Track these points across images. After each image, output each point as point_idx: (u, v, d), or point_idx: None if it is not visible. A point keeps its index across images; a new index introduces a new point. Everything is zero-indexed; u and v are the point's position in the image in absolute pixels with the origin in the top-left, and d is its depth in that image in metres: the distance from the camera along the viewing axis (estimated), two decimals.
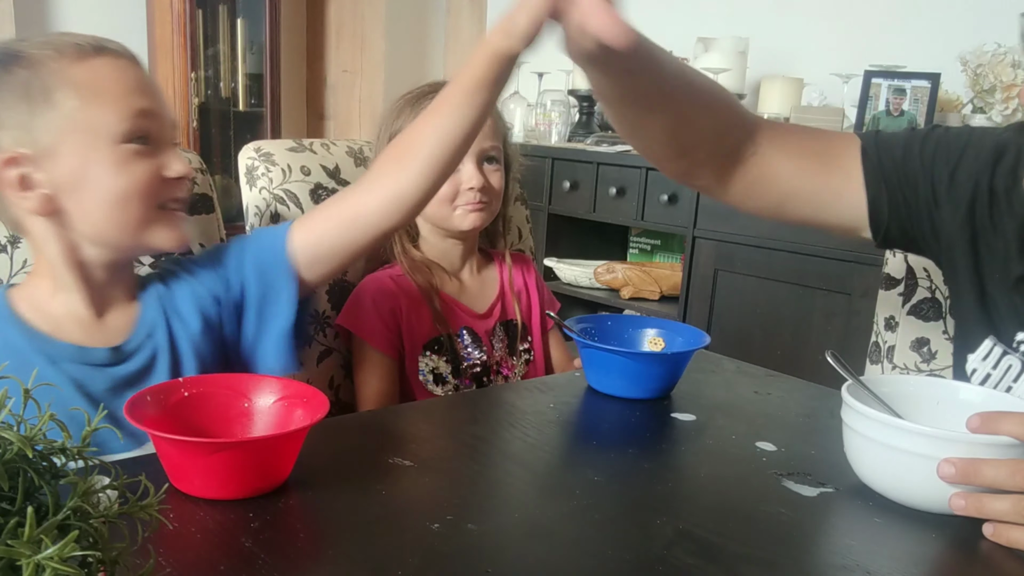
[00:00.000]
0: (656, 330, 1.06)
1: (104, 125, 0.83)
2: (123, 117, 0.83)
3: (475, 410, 0.94)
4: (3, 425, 0.37)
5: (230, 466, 0.66)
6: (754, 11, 2.64)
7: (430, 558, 0.60)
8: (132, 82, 0.85)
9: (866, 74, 2.10)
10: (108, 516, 0.38)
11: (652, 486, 0.75)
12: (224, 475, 0.66)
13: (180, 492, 0.66)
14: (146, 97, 0.86)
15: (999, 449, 0.67)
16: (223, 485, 0.66)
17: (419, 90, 1.27)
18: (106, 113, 0.83)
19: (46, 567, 0.32)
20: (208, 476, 0.66)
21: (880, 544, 0.66)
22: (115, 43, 0.87)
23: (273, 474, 0.69)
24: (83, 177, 0.84)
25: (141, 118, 0.85)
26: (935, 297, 1.22)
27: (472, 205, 1.24)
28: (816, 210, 0.98)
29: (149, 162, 0.86)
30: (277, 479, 0.69)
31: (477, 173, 1.24)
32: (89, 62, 0.84)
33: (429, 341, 1.24)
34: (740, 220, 2.21)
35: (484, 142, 1.25)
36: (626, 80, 0.88)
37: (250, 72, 3.33)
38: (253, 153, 1.24)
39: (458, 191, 1.24)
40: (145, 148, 0.85)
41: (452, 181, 1.22)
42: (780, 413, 0.95)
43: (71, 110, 0.82)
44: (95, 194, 0.84)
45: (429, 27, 3.60)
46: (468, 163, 1.23)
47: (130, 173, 0.84)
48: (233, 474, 0.66)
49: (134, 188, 0.85)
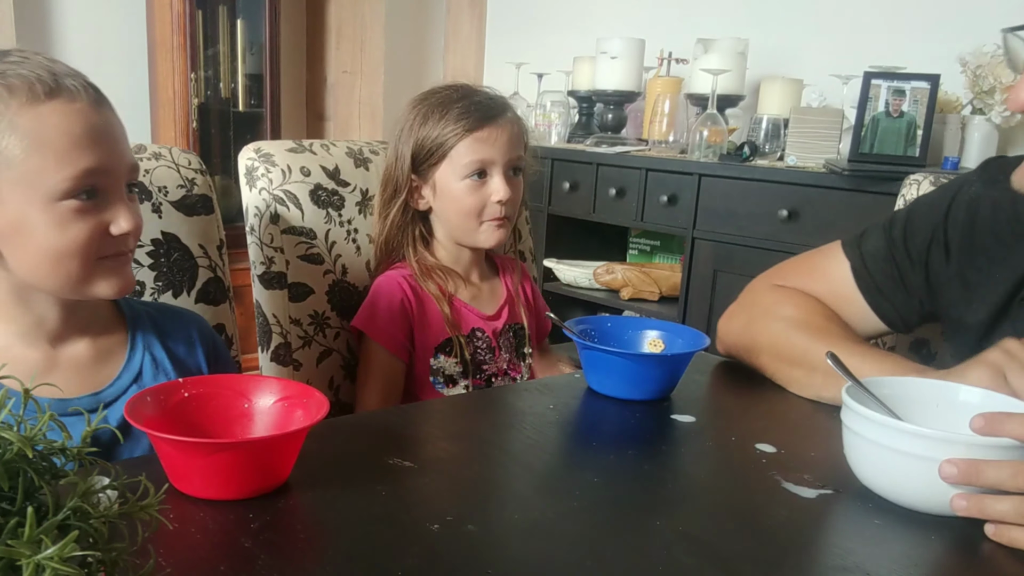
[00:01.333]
0: (656, 332, 1.06)
1: (44, 181, 0.78)
2: (65, 176, 0.78)
3: (475, 411, 0.94)
4: (3, 425, 0.37)
5: (230, 466, 0.66)
6: (754, 12, 2.64)
7: (430, 558, 0.60)
8: (81, 133, 0.79)
9: (866, 75, 2.09)
10: (108, 516, 0.38)
11: (652, 487, 0.75)
12: (224, 475, 0.66)
13: (180, 492, 0.66)
14: (96, 150, 0.80)
15: (999, 451, 0.67)
16: (223, 485, 0.66)
17: (444, 93, 1.26)
18: (47, 169, 0.78)
19: (46, 567, 0.32)
20: (208, 476, 0.66)
21: (880, 545, 0.66)
22: (77, 80, 0.81)
23: (273, 474, 0.68)
24: (20, 229, 0.80)
25: (85, 176, 0.79)
26: None
27: (498, 221, 1.24)
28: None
29: (92, 219, 0.81)
30: (277, 479, 0.69)
31: (504, 186, 1.23)
32: (38, 108, 0.78)
33: (441, 343, 1.24)
34: (739, 221, 2.21)
35: (512, 152, 1.24)
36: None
37: (250, 72, 3.33)
38: (253, 154, 1.24)
39: (486, 204, 1.23)
40: (88, 204, 0.81)
41: (480, 194, 1.22)
42: (780, 415, 0.95)
43: (13, 159, 0.78)
44: (31, 247, 0.81)
45: (429, 27, 3.60)
46: (497, 175, 1.23)
47: (68, 232, 0.80)
48: (233, 474, 0.66)
49: (72, 247, 0.81)
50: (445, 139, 1.22)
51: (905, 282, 1.03)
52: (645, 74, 2.69)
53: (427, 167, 1.25)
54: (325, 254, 1.25)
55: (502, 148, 1.23)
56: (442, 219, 1.28)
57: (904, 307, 1.05)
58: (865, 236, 1.08)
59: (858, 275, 1.05)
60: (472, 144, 1.22)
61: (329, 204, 1.26)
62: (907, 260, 1.03)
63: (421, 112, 1.25)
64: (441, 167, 1.24)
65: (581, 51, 2.83)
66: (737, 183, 2.21)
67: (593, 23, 3.01)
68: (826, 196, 2.06)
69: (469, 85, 1.29)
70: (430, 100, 1.25)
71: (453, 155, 1.22)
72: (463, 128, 1.22)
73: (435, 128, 1.23)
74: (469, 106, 1.23)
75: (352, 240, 1.28)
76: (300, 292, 1.23)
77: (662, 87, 2.60)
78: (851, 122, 2.16)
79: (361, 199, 1.30)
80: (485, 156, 1.22)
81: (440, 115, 1.23)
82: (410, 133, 1.25)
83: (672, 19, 2.83)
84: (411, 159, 1.24)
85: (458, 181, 1.23)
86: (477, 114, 1.23)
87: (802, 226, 2.09)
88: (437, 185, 1.25)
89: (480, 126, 1.22)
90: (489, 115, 1.23)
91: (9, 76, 0.79)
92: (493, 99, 1.27)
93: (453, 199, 1.24)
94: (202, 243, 1.14)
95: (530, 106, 2.93)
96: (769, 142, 2.34)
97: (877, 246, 1.05)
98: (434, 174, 1.25)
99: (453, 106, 1.23)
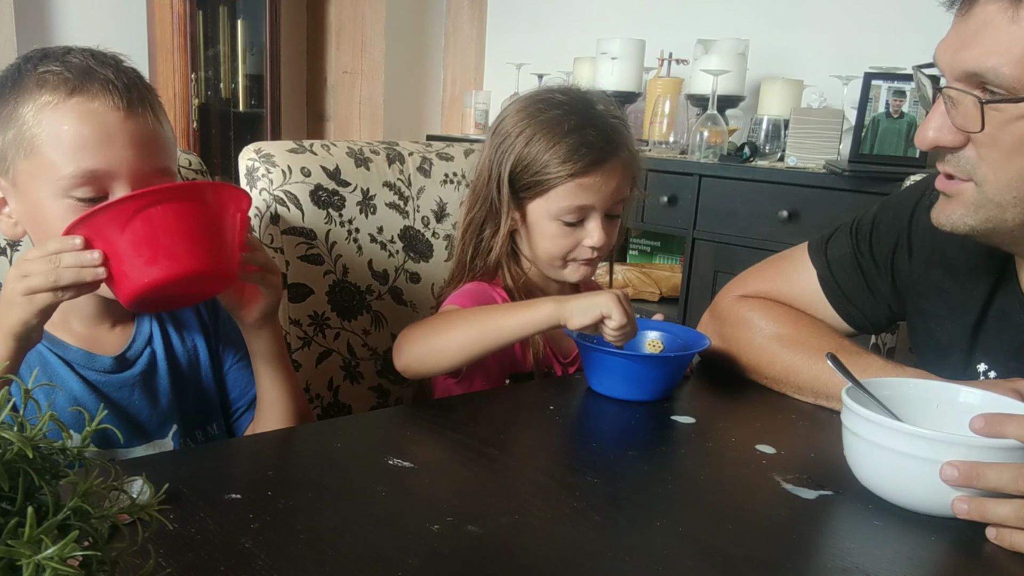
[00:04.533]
0: (656, 332, 1.06)
1: (52, 175, 0.81)
2: (67, 174, 0.81)
3: (476, 412, 0.94)
4: (3, 425, 0.37)
5: (165, 225, 0.73)
6: (754, 13, 2.64)
7: (430, 559, 0.60)
8: (90, 134, 0.81)
9: (866, 76, 2.10)
10: (108, 516, 0.38)
11: (652, 488, 0.75)
12: (165, 237, 0.73)
13: (183, 490, 0.66)
14: (104, 152, 0.82)
15: (999, 452, 0.67)
16: (171, 255, 0.73)
17: (556, 113, 1.13)
18: (55, 164, 0.81)
19: (46, 567, 0.32)
20: (148, 245, 0.73)
21: (879, 547, 0.66)
22: (115, 80, 0.83)
23: (217, 244, 0.77)
24: (36, 216, 0.85)
25: (84, 176, 0.81)
26: None
27: (585, 260, 1.16)
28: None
29: None
30: (224, 257, 0.78)
31: (600, 231, 1.13)
32: (59, 105, 0.81)
33: (516, 373, 1.16)
34: (739, 222, 2.21)
35: (617, 196, 1.14)
36: None
37: (250, 73, 3.33)
38: (253, 154, 1.24)
39: (578, 244, 1.14)
40: (88, 204, 0.82)
41: (572, 238, 1.13)
42: (779, 416, 0.95)
43: (35, 149, 0.82)
44: (44, 234, 0.84)
45: (429, 28, 3.60)
46: (594, 220, 1.13)
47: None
48: (174, 236, 0.73)
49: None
50: (547, 177, 1.11)
51: (872, 288, 1.03)
52: (645, 75, 2.69)
53: (522, 196, 1.15)
54: (325, 254, 1.25)
55: (605, 195, 1.12)
56: (528, 245, 1.19)
57: (872, 312, 1.05)
58: (831, 242, 1.07)
59: (824, 283, 1.05)
60: (575, 189, 1.11)
61: (329, 204, 1.26)
62: (873, 266, 1.03)
63: (529, 128, 1.13)
64: (537, 201, 1.14)
65: (581, 51, 2.83)
66: (737, 184, 2.21)
67: (593, 23, 3.01)
68: (826, 197, 2.06)
69: (588, 102, 1.16)
70: (540, 118, 1.13)
71: (552, 195, 1.12)
72: (567, 171, 1.10)
73: (539, 156, 1.11)
74: (579, 145, 1.10)
75: (353, 240, 1.28)
76: (300, 292, 1.23)
77: (662, 88, 2.60)
78: (851, 123, 2.16)
79: (362, 199, 1.29)
80: (586, 203, 1.12)
81: (547, 144, 1.11)
82: (511, 149, 1.13)
83: (672, 19, 2.83)
84: (509, 184, 1.14)
85: (550, 220, 1.13)
86: (588, 157, 1.10)
87: (802, 227, 2.09)
88: (529, 218, 1.15)
89: (587, 172, 1.10)
90: (600, 159, 1.11)
91: (49, 70, 0.83)
92: (608, 135, 1.12)
93: (542, 236, 1.15)
94: None
95: None
96: (769, 143, 2.34)
97: (843, 253, 1.05)
98: (527, 204, 1.15)
99: (563, 140, 1.10)
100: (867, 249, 1.03)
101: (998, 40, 0.74)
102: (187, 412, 0.97)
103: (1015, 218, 0.79)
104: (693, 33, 2.58)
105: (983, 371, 0.92)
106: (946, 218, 0.83)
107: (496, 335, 0.98)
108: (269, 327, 0.93)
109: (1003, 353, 0.90)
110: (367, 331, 1.29)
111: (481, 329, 0.99)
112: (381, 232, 1.31)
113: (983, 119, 0.76)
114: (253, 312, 0.91)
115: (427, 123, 3.64)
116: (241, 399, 1.03)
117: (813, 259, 1.07)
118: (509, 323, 0.98)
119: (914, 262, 0.99)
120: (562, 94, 1.16)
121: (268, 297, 0.90)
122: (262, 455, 0.82)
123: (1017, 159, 0.76)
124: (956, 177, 0.81)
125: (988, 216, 0.80)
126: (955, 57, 0.78)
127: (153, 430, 0.94)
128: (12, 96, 0.83)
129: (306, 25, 3.74)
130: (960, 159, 0.80)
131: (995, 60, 0.74)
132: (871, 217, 1.04)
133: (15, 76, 0.84)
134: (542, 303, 0.99)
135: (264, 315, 0.91)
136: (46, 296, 0.75)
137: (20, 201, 0.85)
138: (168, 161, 0.87)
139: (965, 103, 0.77)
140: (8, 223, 0.88)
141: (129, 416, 0.92)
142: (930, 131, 0.81)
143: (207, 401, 1.01)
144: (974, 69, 0.76)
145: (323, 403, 1.26)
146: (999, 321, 0.91)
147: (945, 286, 0.96)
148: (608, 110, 1.16)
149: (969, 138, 0.78)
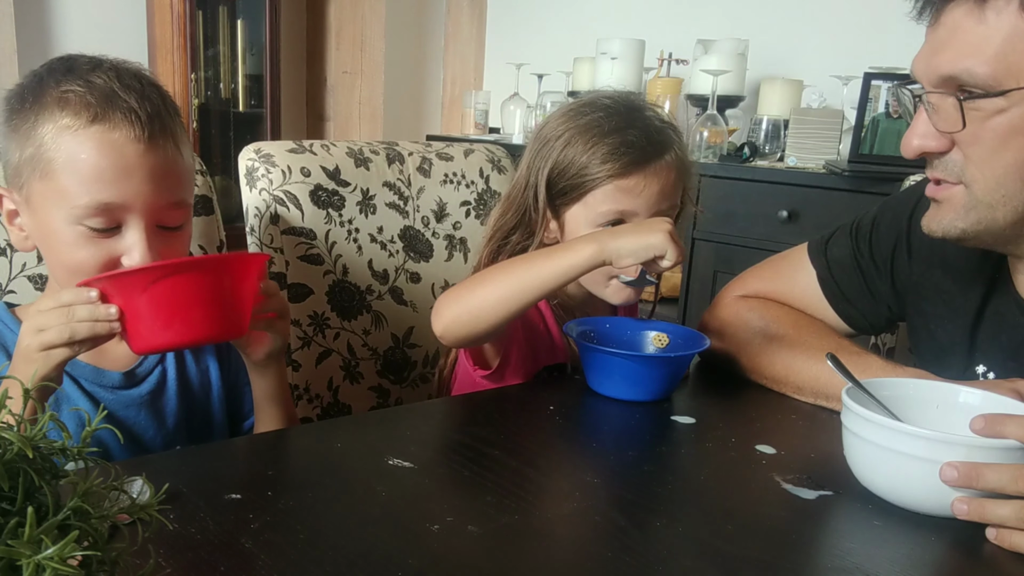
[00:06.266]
0: (656, 333, 1.05)
1: (66, 202, 0.81)
2: (80, 204, 0.80)
3: (475, 412, 0.94)
4: (3, 425, 0.37)
5: (185, 295, 0.73)
6: (754, 13, 2.64)
7: (430, 559, 0.60)
8: (107, 166, 0.80)
9: (866, 76, 2.10)
10: (108, 516, 0.37)
11: (652, 488, 0.75)
12: (183, 304, 0.72)
13: (183, 490, 0.66)
14: (119, 185, 0.81)
15: (998, 452, 0.67)
16: (186, 322, 0.73)
17: (597, 116, 1.07)
18: (70, 192, 0.81)
19: (46, 567, 0.32)
20: (165, 311, 0.72)
21: (879, 547, 0.66)
22: (127, 102, 0.81)
23: (233, 311, 0.75)
24: (47, 237, 0.85)
25: (98, 208, 0.81)
26: None
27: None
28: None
29: (103, 247, 0.83)
30: (237, 319, 0.76)
31: None
32: (79, 132, 0.80)
33: (550, 364, 1.13)
34: (739, 223, 2.21)
35: (662, 203, 1.06)
36: None
37: (250, 73, 3.33)
38: (253, 154, 1.24)
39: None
40: (100, 234, 0.82)
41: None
42: (779, 416, 0.95)
43: (51, 172, 0.81)
44: (54, 256, 0.86)
45: (429, 28, 3.60)
46: None
47: (78, 254, 0.83)
48: (194, 305, 0.73)
49: (83, 268, 0.83)
50: (584, 179, 1.06)
51: (871, 289, 1.04)
52: (645, 75, 2.69)
53: (559, 204, 1.09)
54: (325, 254, 1.25)
55: (648, 200, 1.05)
56: None
57: (871, 313, 1.05)
58: (831, 242, 1.07)
59: (824, 284, 1.06)
60: (614, 193, 1.05)
61: (329, 204, 1.26)
62: (873, 267, 1.03)
63: (569, 131, 1.07)
64: (574, 208, 1.08)
65: (581, 51, 2.83)
66: (737, 184, 2.21)
67: (593, 23, 3.01)
68: (826, 197, 2.06)
69: (634, 104, 1.10)
70: (581, 121, 1.07)
71: (590, 199, 1.06)
72: (607, 172, 1.04)
73: (578, 158, 1.06)
74: (620, 145, 1.04)
75: (353, 240, 1.28)
76: (300, 293, 1.23)
77: (662, 88, 2.61)
78: (851, 123, 2.16)
79: (362, 199, 1.29)
80: (626, 208, 1.05)
81: (586, 144, 1.05)
82: (549, 155, 1.08)
83: (672, 20, 2.83)
84: (546, 190, 1.08)
85: (589, 228, 1.06)
86: (628, 157, 1.04)
87: (802, 227, 2.09)
88: (567, 227, 1.09)
89: (628, 173, 1.04)
90: (642, 160, 1.04)
91: (72, 90, 0.81)
92: (652, 136, 1.06)
93: None
94: (202, 244, 1.14)
95: (530, 107, 2.93)
96: (769, 143, 2.34)
97: (843, 254, 1.05)
98: (565, 212, 1.09)
99: (603, 141, 1.04)
100: (867, 250, 1.03)
101: (968, 42, 0.76)
102: (193, 435, 0.97)
103: (1005, 217, 0.80)
104: (693, 33, 2.58)
105: (982, 372, 0.92)
106: (937, 224, 0.84)
107: (537, 283, 0.92)
108: (274, 367, 0.93)
109: (1001, 354, 0.91)
110: (367, 331, 1.29)
111: (520, 279, 0.93)
112: (381, 232, 1.31)
113: (964, 117, 0.77)
114: (259, 352, 0.91)
115: (427, 123, 3.64)
116: (244, 407, 1.03)
117: (813, 260, 1.07)
118: (550, 268, 0.92)
119: (914, 263, 0.99)
120: (608, 98, 1.11)
121: (275, 341, 0.90)
122: (262, 455, 0.82)
123: (1002, 154, 0.78)
124: (945, 181, 0.82)
125: (979, 218, 0.81)
126: (930, 64, 0.80)
127: (156, 451, 0.93)
128: (32, 112, 0.82)
129: (306, 25, 3.74)
130: (947, 163, 0.81)
131: (968, 61, 0.76)
132: (871, 218, 1.05)
133: (36, 89, 0.83)
134: (583, 241, 0.92)
135: (270, 356, 0.91)
136: (62, 351, 0.77)
137: (32, 219, 0.85)
138: (184, 193, 0.87)
139: (945, 106, 0.79)
140: (19, 236, 0.88)
141: (134, 436, 0.92)
142: (915, 139, 0.82)
143: (214, 425, 1.00)
144: (949, 72, 0.77)
145: (323, 403, 1.26)
146: (996, 322, 0.91)
147: (945, 287, 0.96)
148: (656, 114, 1.11)
149: (954, 141, 0.80)
